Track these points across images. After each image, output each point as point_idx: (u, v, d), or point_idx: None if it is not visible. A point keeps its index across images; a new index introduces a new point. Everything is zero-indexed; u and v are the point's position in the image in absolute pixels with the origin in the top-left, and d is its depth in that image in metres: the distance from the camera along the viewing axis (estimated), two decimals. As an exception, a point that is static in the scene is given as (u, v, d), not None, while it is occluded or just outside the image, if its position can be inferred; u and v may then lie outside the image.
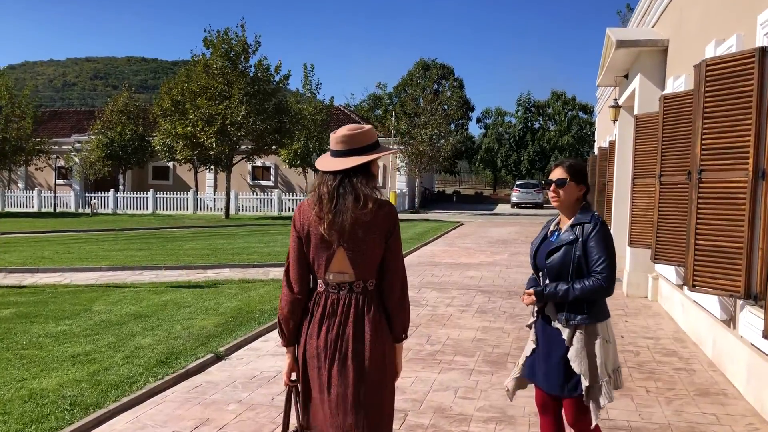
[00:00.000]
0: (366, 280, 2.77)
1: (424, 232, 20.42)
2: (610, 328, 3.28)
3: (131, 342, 6.53)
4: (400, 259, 2.83)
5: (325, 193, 2.76)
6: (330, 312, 2.78)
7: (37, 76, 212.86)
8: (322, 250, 2.77)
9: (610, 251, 3.15)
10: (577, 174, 3.29)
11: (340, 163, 2.78)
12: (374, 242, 2.73)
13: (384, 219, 2.75)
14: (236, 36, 27.40)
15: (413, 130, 35.10)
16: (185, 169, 37.04)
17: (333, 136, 2.85)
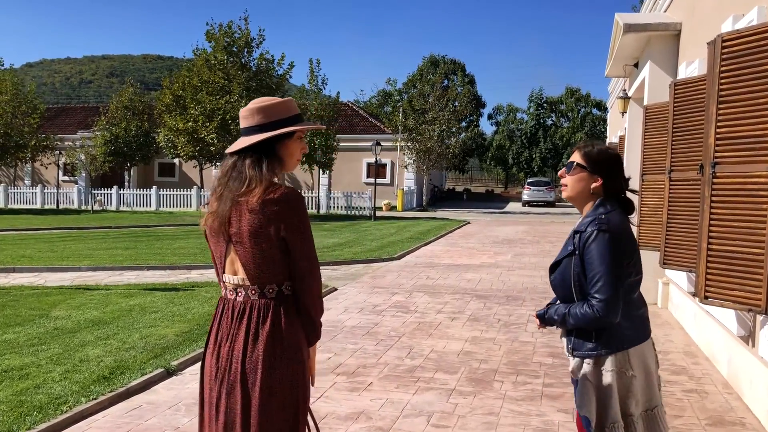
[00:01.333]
0: (263, 284, 2.36)
1: (426, 231, 19.70)
2: (639, 357, 2.60)
3: (78, 353, 5.88)
4: (305, 260, 2.36)
5: (218, 176, 2.43)
6: (225, 322, 2.43)
7: (55, 74, 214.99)
8: (214, 246, 2.45)
9: (609, 268, 2.47)
10: (592, 160, 2.63)
11: (241, 142, 2.42)
12: (263, 237, 2.29)
13: (274, 208, 2.28)
14: (239, 29, 26.84)
15: (421, 126, 34.33)
16: (191, 166, 36.51)
17: (240, 111, 2.51)
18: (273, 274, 2.35)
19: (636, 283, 2.61)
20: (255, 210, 2.28)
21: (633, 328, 2.59)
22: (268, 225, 2.28)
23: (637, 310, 2.63)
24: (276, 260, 2.33)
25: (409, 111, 35.52)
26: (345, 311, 8.13)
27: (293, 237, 2.32)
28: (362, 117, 40.35)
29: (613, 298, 2.46)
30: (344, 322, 7.51)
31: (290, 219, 2.30)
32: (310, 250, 2.39)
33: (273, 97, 2.48)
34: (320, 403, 4.83)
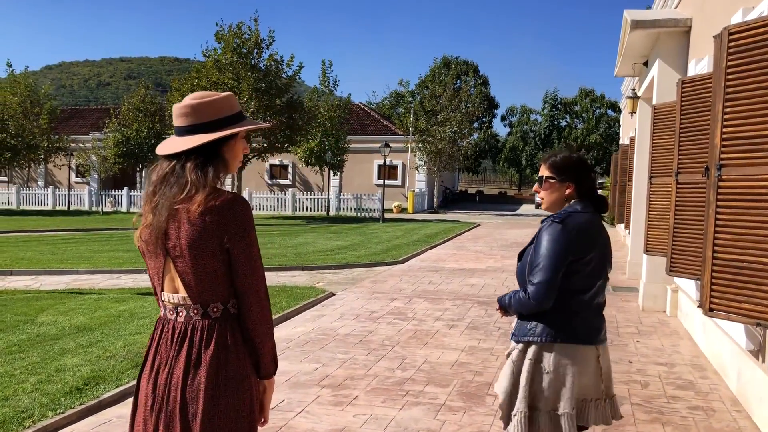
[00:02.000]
0: (205, 303, 2.10)
1: (434, 234, 19.39)
2: (563, 356, 2.60)
3: (55, 362, 5.66)
4: (253, 275, 2.11)
5: (153, 182, 2.15)
6: (164, 345, 2.15)
7: (73, 76, 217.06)
8: (151, 262, 2.17)
9: (550, 256, 2.55)
10: (558, 169, 2.74)
11: (179, 143, 2.13)
12: (205, 250, 2.04)
13: (216, 216, 2.03)
14: (249, 30, 26.67)
15: (432, 127, 34.01)
16: (202, 167, 36.34)
17: (173, 108, 2.21)
18: (217, 292, 2.10)
19: (588, 285, 2.62)
20: (195, 219, 2.03)
21: (570, 326, 2.59)
22: (210, 236, 2.04)
23: (585, 313, 2.63)
24: (220, 275, 2.08)
25: (420, 112, 35.19)
26: (340, 318, 7.86)
27: (236, 248, 2.06)
28: (374, 118, 40.11)
29: (545, 284, 2.52)
30: (337, 330, 7.24)
31: (234, 228, 2.05)
32: (255, 263, 2.13)
33: (212, 92, 2.22)
34: (299, 419, 4.56)
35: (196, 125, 2.13)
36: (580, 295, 2.62)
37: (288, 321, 7.69)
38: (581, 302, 2.63)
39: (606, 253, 2.71)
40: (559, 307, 2.61)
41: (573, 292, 2.61)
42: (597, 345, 2.67)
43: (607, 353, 2.77)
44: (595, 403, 2.65)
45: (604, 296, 2.78)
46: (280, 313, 7.79)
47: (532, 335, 2.63)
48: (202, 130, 2.12)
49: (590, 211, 2.70)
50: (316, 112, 30.80)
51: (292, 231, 20.35)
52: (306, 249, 14.81)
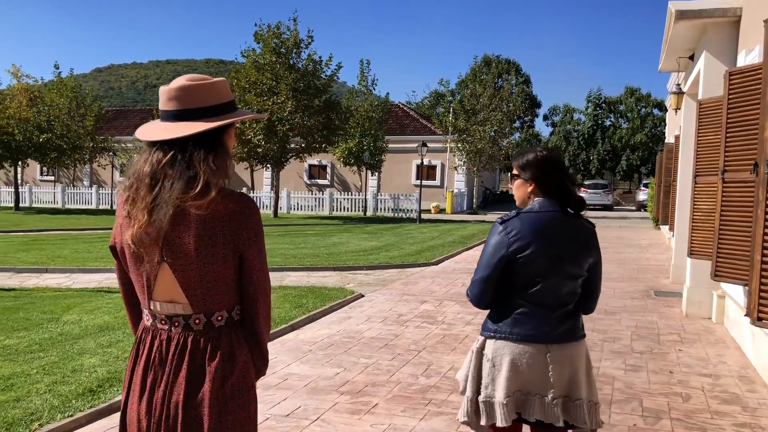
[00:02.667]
0: (210, 312, 1.91)
1: (471, 235, 19.03)
2: (501, 351, 2.65)
3: (73, 362, 5.56)
4: (262, 278, 1.97)
5: (145, 174, 1.87)
6: (157, 359, 1.94)
7: (121, 78, 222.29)
8: (138, 265, 1.92)
9: (485, 254, 2.67)
10: (521, 167, 2.78)
11: (173, 129, 1.89)
12: (214, 254, 1.86)
13: (231, 217, 1.86)
14: (288, 30, 26.69)
15: (472, 127, 33.57)
16: (242, 168, 36.73)
17: (163, 90, 1.97)
18: (223, 299, 1.93)
19: (530, 283, 2.61)
20: (207, 221, 1.83)
21: (509, 323, 2.64)
22: (222, 240, 1.86)
23: (529, 311, 2.63)
24: (229, 282, 1.92)
25: (459, 111, 34.78)
26: (367, 320, 7.63)
27: (251, 250, 1.91)
28: (413, 118, 39.84)
29: (477, 282, 2.66)
30: (363, 333, 7.02)
31: (248, 233, 1.89)
32: (266, 267, 2.01)
33: (204, 75, 2.00)
34: (314, 427, 4.34)
35: (199, 109, 1.91)
36: (522, 293, 2.64)
37: (314, 323, 7.50)
38: (524, 300, 2.64)
39: (561, 253, 2.62)
40: (502, 304, 2.69)
41: (514, 290, 2.65)
42: (547, 344, 2.63)
43: (571, 354, 2.68)
44: (541, 400, 2.62)
45: (565, 296, 2.67)
46: (305, 315, 7.60)
47: (484, 329, 2.74)
48: (204, 115, 1.91)
49: (550, 210, 2.66)
50: (354, 111, 30.70)
51: (327, 231, 20.22)
52: (339, 249, 14.64)
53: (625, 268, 12.44)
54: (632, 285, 10.47)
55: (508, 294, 2.66)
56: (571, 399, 2.65)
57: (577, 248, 2.66)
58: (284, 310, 7.85)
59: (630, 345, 6.67)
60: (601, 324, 7.59)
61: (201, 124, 1.88)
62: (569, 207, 2.70)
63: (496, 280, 2.63)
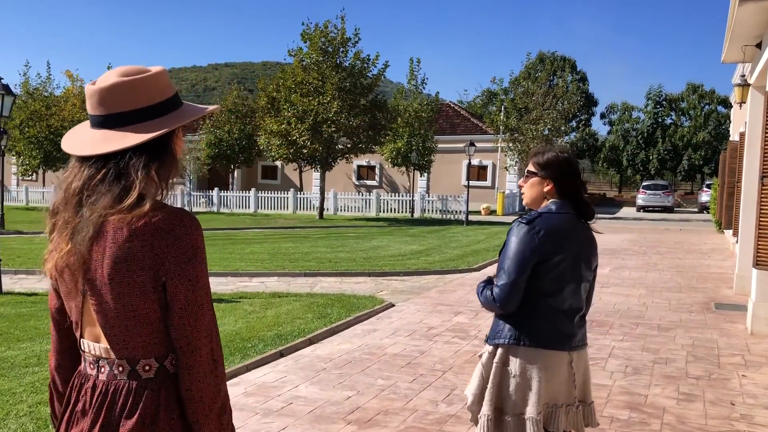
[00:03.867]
0: (133, 359, 1.56)
1: (519, 238, 18.18)
2: (529, 360, 2.54)
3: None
4: (195, 324, 1.54)
5: (73, 195, 1.55)
6: (81, 409, 1.62)
7: (181, 81, 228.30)
8: (67, 299, 1.62)
9: (515, 258, 2.54)
10: (540, 165, 2.70)
11: (107, 139, 1.56)
12: (132, 286, 1.50)
13: (153, 236, 1.49)
14: (335, 29, 26.36)
15: (524, 126, 32.57)
16: (291, 169, 36.68)
17: (91, 90, 1.60)
18: (149, 343, 1.55)
19: (556, 288, 2.55)
20: (123, 241, 1.48)
21: (537, 330, 2.54)
22: (139, 266, 1.49)
23: (553, 317, 2.57)
24: (153, 321, 1.54)
25: (511, 110, 33.82)
26: (393, 334, 7.06)
27: (176, 281, 1.51)
28: (463, 117, 39.05)
29: (508, 287, 2.51)
30: (386, 349, 6.45)
31: (173, 257, 1.50)
32: (201, 309, 1.55)
33: (141, 67, 1.63)
34: (307, 467, 3.79)
35: (137, 111, 1.56)
36: (548, 298, 2.57)
37: (335, 336, 6.97)
38: (549, 306, 2.57)
39: (579, 256, 2.61)
40: (525, 310, 2.57)
41: (540, 295, 2.56)
42: (569, 351, 2.59)
43: (585, 359, 2.71)
44: (566, 409, 2.57)
45: (581, 300, 2.68)
46: (327, 327, 7.08)
47: (500, 337, 2.59)
48: (144, 117, 1.57)
49: (567, 212, 2.63)
50: (403, 111, 30.17)
51: (369, 233, 19.71)
52: (377, 253, 14.10)
53: (684, 276, 11.50)
54: (690, 296, 9.58)
55: (533, 298, 2.55)
56: (586, 403, 2.67)
57: (591, 252, 2.68)
58: (305, 321, 7.34)
59: (685, 368, 5.90)
60: (652, 342, 6.82)
61: (139, 135, 1.54)
62: (582, 214, 2.67)
63: (524, 283, 2.53)
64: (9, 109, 8.91)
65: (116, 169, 1.52)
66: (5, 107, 8.77)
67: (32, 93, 31.71)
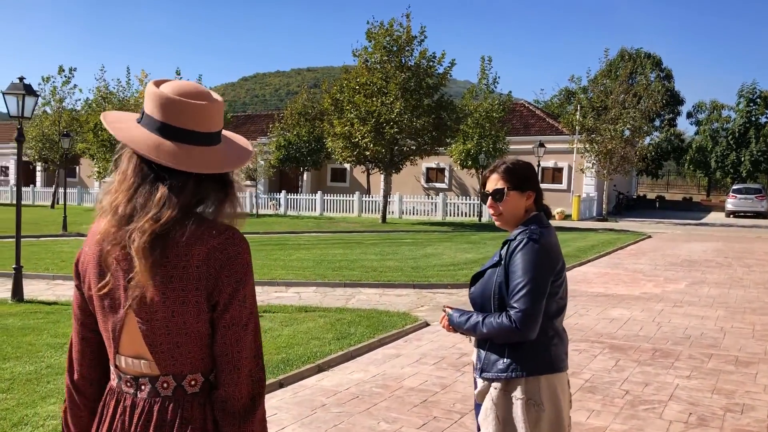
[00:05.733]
0: (180, 374, 1.54)
1: (589, 247, 16.85)
2: (551, 388, 2.33)
3: (27, 410, 4.58)
4: (238, 344, 1.53)
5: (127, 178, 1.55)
6: (118, 427, 1.57)
7: (265, 86, 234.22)
8: (104, 311, 1.56)
9: (534, 279, 2.27)
10: (518, 177, 2.47)
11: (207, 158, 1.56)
12: (184, 301, 1.49)
13: (209, 256, 1.50)
14: (401, 27, 25.62)
15: (602, 126, 30.80)
16: (360, 171, 36.23)
17: (180, 101, 1.53)
18: (198, 359, 1.55)
19: (562, 307, 2.45)
20: (180, 260, 1.47)
21: (551, 353, 2.38)
22: (196, 282, 1.48)
23: (559, 337, 2.44)
24: (203, 338, 1.53)
25: (588, 109, 32.10)
26: (417, 361, 6.19)
27: (236, 307, 1.52)
28: (538, 117, 37.55)
29: (533, 310, 2.29)
30: (403, 380, 5.58)
31: (230, 273, 1.51)
32: (245, 330, 1.54)
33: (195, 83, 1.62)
34: None
35: (215, 134, 1.59)
36: (555, 320, 2.43)
37: (350, 362, 6.16)
38: (555, 327, 2.43)
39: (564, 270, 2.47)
40: (540, 335, 2.35)
41: (550, 316, 2.39)
42: (566, 371, 2.48)
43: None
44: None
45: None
46: (343, 351, 6.28)
47: (515, 370, 2.34)
48: (210, 140, 1.58)
49: (548, 224, 2.48)
50: (473, 111, 29.13)
51: (427, 239, 18.79)
52: (428, 262, 13.19)
53: (773, 294, 10.06)
54: (780, 320, 8.23)
55: (545, 322, 2.37)
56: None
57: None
58: (321, 343, 6.57)
59: (767, 420, 4.76)
60: (727, 380, 5.67)
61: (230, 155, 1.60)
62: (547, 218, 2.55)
63: None
64: (31, 111, 8.58)
65: (193, 182, 1.52)
66: (26, 108, 8.43)
67: (106, 97, 32.49)
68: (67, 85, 35.24)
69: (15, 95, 8.32)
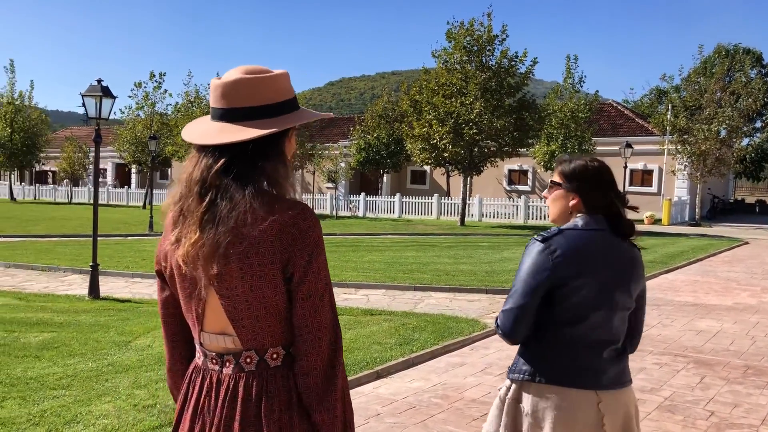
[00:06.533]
0: (263, 348, 1.60)
1: (679, 253, 15.89)
2: (543, 399, 2.19)
3: (81, 408, 4.58)
4: (315, 315, 1.58)
5: (195, 183, 1.60)
6: (205, 404, 1.65)
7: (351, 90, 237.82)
8: (189, 291, 1.63)
9: (522, 279, 2.21)
10: (566, 176, 2.35)
11: (225, 131, 1.62)
12: (262, 275, 1.54)
13: (282, 231, 1.55)
14: (482, 26, 25.16)
15: (695, 125, 29.21)
16: (440, 173, 35.88)
17: (216, 84, 1.67)
18: (279, 332, 1.60)
19: (579, 316, 2.19)
20: (254, 236, 1.53)
21: (553, 364, 2.20)
22: (271, 260, 1.53)
23: (575, 349, 2.20)
24: (282, 311, 1.58)
25: (681, 108, 30.53)
26: (482, 371, 5.87)
27: (302, 273, 1.55)
28: (627, 118, 36.08)
29: (512, 312, 2.22)
30: (465, 391, 5.28)
31: (303, 245, 1.55)
32: (322, 300, 1.59)
33: (263, 67, 1.67)
34: None
35: (257, 108, 1.63)
36: (568, 328, 2.21)
37: (410, 369, 5.90)
38: (568, 337, 2.21)
39: (613, 280, 2.21)
40: (542, 342, 2.23)
41: (559, 323, 2.21)
42: (597, 390, 2.19)
43: (625, 402, 2.24)
44: None
45: (614, 331, 2.22)
46: (404, 357, 6.04)
47: (516, 371, 2.27)
48: (262, 115, 1.63)
49: (595, 228, 2.25)
50: (558, 111, 28.30)
51: (506, 243, 18.27)
52: (503, 267, 12.74)
53: None
54: None
55: (550, 327, 2.23)
56: None
57: (628, 274, 2.26)
58: (383, 348, 6.34)
59: None
60: (830, 405, 5.04)
61: (254, 130, 1.59)
62: (618, 231, 2.27)
63: (534, 310, 2.20)
64: (109, 112, 8.79)
65: (238, 164, 1.58)
66: (103, 109, 8.64)
67: (193, 101, 33.57)
68: (158, 90, 36.69)
69: (93, 97, 8.57)
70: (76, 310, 8.03)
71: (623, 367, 2.28)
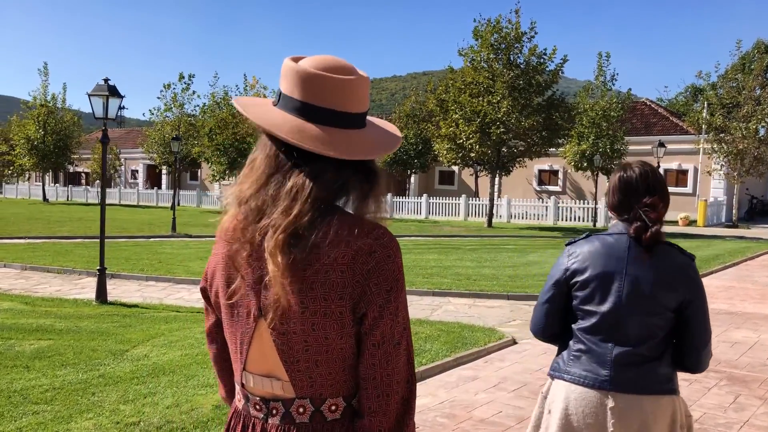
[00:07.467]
0: (319, 398, 1.35)
1: (713, 257, 15.20)
2: (557, 395, 2.28)
3: (58, 426, 4.30)
4: (396, 361, 1.33)
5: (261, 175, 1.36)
6: None
7: (382, 91, 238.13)
8: (232, 320, 1.40)
9: (547, 279, 2.39)
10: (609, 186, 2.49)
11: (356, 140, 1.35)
12: (326, 312, 1.29)
13: (354, 260, 1.29)
14: (509, 23, 24.64)
15: (732, 124, 28.24)
16: (468, 174, 35.36)
17: (324, 76, 1.33)
18: (340, 381, 1.34)
19: (585, 314, 2.27)
20: (326, 262, 1.27)
21: (564, 361, 2.31)
22: (339, 290, 1.27)
23: (584, 348, 2.26)
24: (347, 356, 1.32)
25: (717, 106, 29.56)
26: (495, 386, 5.46)
27: (377, 312, 1.29)
28: (661, 116, 35.14)
29: (538, 307, 2.40)
30: (474, 410, 4.88)
31: (379, 280, 1.29)
32: (398, 347, 1.32)
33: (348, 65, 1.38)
34: None
35: (363, 115, 1.39)
36: (577, 326, 2.30)
37: (418, 384, 5.47)
38: (581, 334, 2.29)
39: (625, 281, 2.22)
40: (565, 340, 2.35)
41: (574, 321, 2.33)
42: (607, 391, 2.19)
43: (646, 410, 2.17)
44: None
45: (628, 334, 2.21)
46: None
47: (550, 368, 2.40)
48: (363, 122, 1.39)
49: (621, 232, 2.31)
50: (589, 109, 27.62)
51: (531, 246, 17.73)
52: (528, 271, 12.26)
53: None
54: None
55: (570, 326, 2.33)
56: None
57: (655, 279, 2.21)
58: (390, 360, 5.96)
59: None
60: None
61: (377, 138, 1.38)
62: (639, 240, 2.24)
63: (559, 308, 2.33)
64: (116, 112, 8.58)
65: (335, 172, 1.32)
66: (110, 109, 8.42)
67: (219, 102, 33.59)
68: (187, 92, 36.84)
69: (100, 96, 8.37)
70: (80, 316, 7.81)
71: (645, 373, 2.19)
